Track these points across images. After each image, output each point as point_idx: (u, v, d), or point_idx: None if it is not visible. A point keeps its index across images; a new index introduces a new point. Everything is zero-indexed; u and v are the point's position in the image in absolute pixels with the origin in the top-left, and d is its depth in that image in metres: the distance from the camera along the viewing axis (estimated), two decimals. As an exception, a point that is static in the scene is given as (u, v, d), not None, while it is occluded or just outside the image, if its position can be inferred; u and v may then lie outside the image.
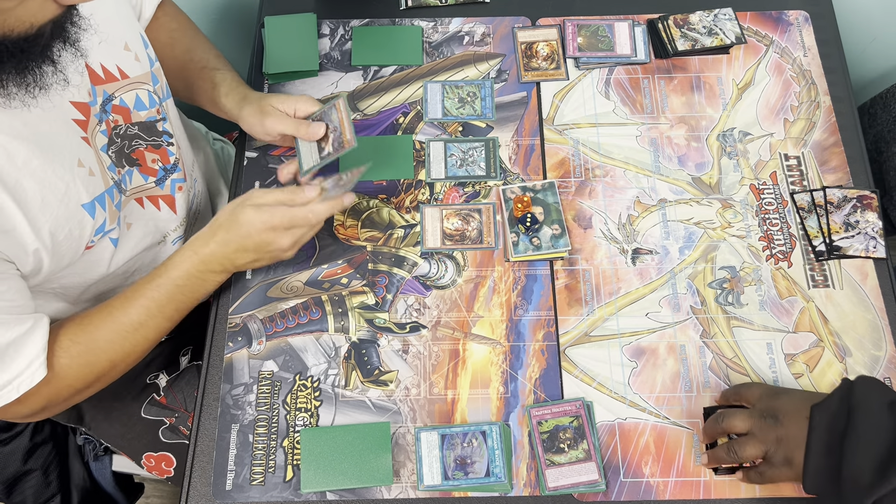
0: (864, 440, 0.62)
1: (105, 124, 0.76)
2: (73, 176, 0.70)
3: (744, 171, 0.92)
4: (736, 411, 0.72)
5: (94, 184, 0.73)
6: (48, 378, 0.71)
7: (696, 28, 1.00)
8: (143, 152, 0.81)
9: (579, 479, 0.75)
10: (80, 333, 0.74)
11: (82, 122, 0.72)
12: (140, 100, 0.80)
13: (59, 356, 0.72)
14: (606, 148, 0.94)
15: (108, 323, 0.75)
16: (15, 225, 0.65)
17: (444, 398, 0.80)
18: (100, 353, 0.75)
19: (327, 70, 1.00)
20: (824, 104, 0.96)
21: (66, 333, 0.74)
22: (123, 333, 0.75)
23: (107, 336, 0.75)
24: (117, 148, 0.78)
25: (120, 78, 0.78)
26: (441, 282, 0.86)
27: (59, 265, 0.73)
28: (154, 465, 0.98)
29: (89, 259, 0.77)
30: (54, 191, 0.68)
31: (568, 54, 0.99)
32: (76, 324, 0.75)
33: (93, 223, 0.73)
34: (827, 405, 0.66)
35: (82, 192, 0.71)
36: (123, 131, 0.79)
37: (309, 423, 0.79)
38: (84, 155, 0.72)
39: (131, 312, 0.76)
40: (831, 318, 0.84)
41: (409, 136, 0.95)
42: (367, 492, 0.76)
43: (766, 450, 0.69)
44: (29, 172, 0.65)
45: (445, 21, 1.03)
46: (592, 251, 0.88)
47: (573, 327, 0.84)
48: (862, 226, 0.87)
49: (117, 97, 0.78)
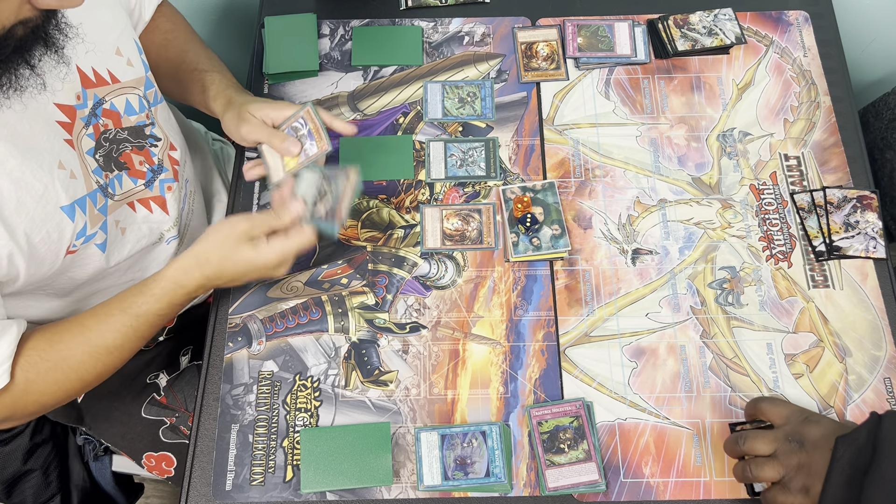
0: (887, 478, 0.60)
1: (93, 128, 0.76)
2: (53, 178, 0.69)
3: (744, 171, 0.92)
4: (758, 433, 0.71)
5: (76, 186, 0.72)
6: (10, 388, 0.69)
7: (696, 28, 1.00)
8: (130, 154, 0.81)
9: (579, 480, 0.75)
10: (50, 350, 0.72)
11: (67, 125, 0.72)
12: (130, 104, 0.80)
13: (27, 370, 0.70)
14: (606, 148, 0.94)
15: (80, 343, 0.73)
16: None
17: (444, 398, 0.80)
18: (70, 371, 0.73)
19: (327, 70, 1.00)
20: (824, 104, 0.96)
21: (34, 348, 0.72)
22: (97, 356, 0.74)
23: (79, 357, 0.73)
24: (105, 152, 0.77)
25: (111, 82, 0.78)
26: (441, 282, 0.86)
27: (38, 270, 0.72)
28: (154, 465, 0.98)
29: (74, 264, 0.77)
30: (31, 192, 0.67)
31: (568, 54, 0.99)
32: (46, 339, 0.73)
33: (73, 226, 0.72)
34: (853, 438, 0.64)
35: (61, 195, 0.70)
36: (113, 135, 0.78)
37: (309, 423, 0.79)
38: (66, 157, 0.71)
39: (107, 336, 0.74)
40: (831, 319, 0.84)
41: (409, 136, 0.95)
42: (367, 492, 0.76)
43: (784, 474, 0.67)
44: (5, 173, 0.65)
45: (445, 21, 1.03)
46: (592, 251, 0.88)
47: (573, 327, 0.84)
48: (862, 226, 0.87)
49: (108, 101, 0.77)
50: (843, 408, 0.79)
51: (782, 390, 0.80)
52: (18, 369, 0.70)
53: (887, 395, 0.80)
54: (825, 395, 0.80)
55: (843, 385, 0.80)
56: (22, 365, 0.70)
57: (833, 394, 0.80)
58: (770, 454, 0.69)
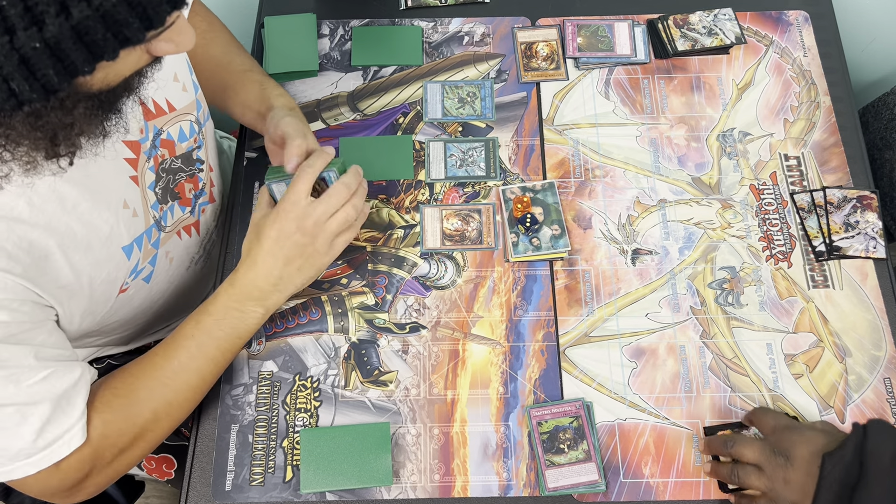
0: (875, 494, 0.61)
1: (153, 160, 0.74)
2: (118, 218, 0.68)
3: (744, 171, 0.92)
4: (748, 440, 0.71)
5: (136, 224, 0.71)
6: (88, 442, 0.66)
7: (695, 28, 1.00)
8: (183, 184, 0.79)
9: (579, 480, 0.75)
10: (122, 386, 0.70)
11: (132, 161, 0.70)
12: (182, 131, 0.78)
13: (102, 412, 0.67)
14: (606, 148, 0.94)
15: (147, 370, 0.71)
16: (58, 270, 0.63)
17: (444, 398, 0.80)
18: (140, 403, 0.70)
19: (327, 70, 1.00)
20: (824, 104, 0.96)
21: (106, 387, 0.69)
22: (163, 379, 0.71)
23: (147, 384, 0.70)
24: (164, 184, 0.76)
25: (168, 111, 0.76)
26: (441, 282, 0.86)
27: (94, 313, 0.71)
28: (154, 468, 0.98)
29: (123, 302, 0.76)
30: (99, 234, 0.66)
31: (568, 54, 0.99)
32: (116, 378, 0.70)
33: (128, 265, 0.71)
34: (840, 455, 0.64)
35: (124, 235, 0.69)
36: (168, 165, 0.77)
37: (308, 423, 0.79)
38: (130, 195, 0.70)
39: (171, 355, 0.71)
40: (831, 319, 0.84)
41: (409, 136, 0.94)
42: (367, 492, 0.76)
43: (770, 487, 0.68)
44: (77, 216, 0.63)
45: (445, 21, 1.03)
46: (592, 251, 0.88)
47: (573, 328, 0.84)
48: (862, 226, 0.87)
49: (165, 131, 0.75)
50: (843, 408, 0.79)
51: (782, 390, 0.80)
52: (93, 412, 0.67)
53: (887, 395, 0.80)
54: (825, 395, 0.80)
55: (842, 385, 0.80)
56: (96, 407, 0.68)
57: (833, 394, 0.80)
58: (755, 463, 0.69)
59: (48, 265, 0.63)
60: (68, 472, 0.66)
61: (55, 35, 0.42)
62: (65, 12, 0.41)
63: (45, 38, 0.42)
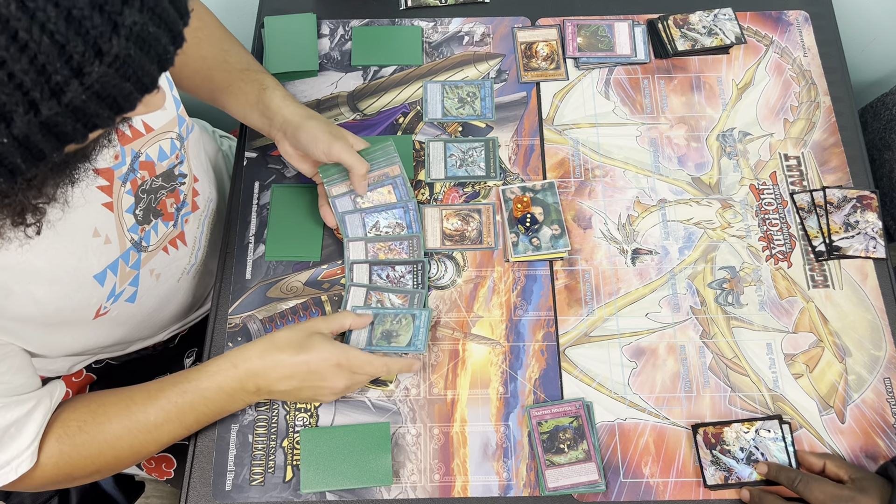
0: None
1: (131, 184, 0.72)
2: (86, 249, 0.67)
3: (743, 171, 0.92)
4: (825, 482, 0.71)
5: (108, 252, 0.70)
6: (35, 469, 0.67)
7: (695, 28, 1.00)
8: (165, 201, 0.78)
9: (579, 480, 0.75)
10: (91, 422, 0.70)
11: (106, 188, 0.69)
12: (163, 150, 0.76)
13: (63, 441, 0.68)
14: (606, 148, 0.94)
15: (122, 417, 0.70)
16: (19, 305, 0.63)
17: (444, 398, 0.80)
18: (106, 447, 0.70)
19: (327, 70, 1.00)
20: (824, 104, 0.96)
21: (76, 419, 0.69)
22: (135, 432, 0.70)
23: (118, 431, 0.70)
24: (145, 205, 0.75)
25: (145, 132, 0.73)
26: (441, 282, 0.86)
27: (66, 331, 0.70)
28: (154, 467, 0.98)
29: (105, 323, 0.75)
30: (65, 267, 0.65)
31: (568, 54, 0.99)
32: (91, 410, 0.70)
33: (102, 291, 0.70)
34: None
35: (94, 263, 0.68)
36: (149, 186, 0.75)
37: (308, 423, 0.79)
38: (102, 223, 0.69)
39: (150, 412, 0.71)
40: (831, 319, 0.84)
41: (409, 136, 0.95)
42: (367, 492, 0.76)
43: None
44: (40, 252, 0.62)
45: (445, 21, 1.03)
46: (592, 251, 0.88)
47: (573, 327, 0.84)
48: (862, 226, 0.87)
49: (143, 153, 0.74)
50: (843, 408, 0.79)
51: (782, 390, 0.80)
52: (52, 440, 0.67)
53: (887, 396, 0.80)
54: (825, 395, 0.80)
55: (842, 385, 0.80)
56: (59, 435, 0.68)
57: (833, 394, 0.80)
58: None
59: (6, 301, 0.62)
60: (26, 486, 0.68)
61: (23, 131, 0.40)
62: (33, 110, 0.40)
63: (14, 134, 0.40)
